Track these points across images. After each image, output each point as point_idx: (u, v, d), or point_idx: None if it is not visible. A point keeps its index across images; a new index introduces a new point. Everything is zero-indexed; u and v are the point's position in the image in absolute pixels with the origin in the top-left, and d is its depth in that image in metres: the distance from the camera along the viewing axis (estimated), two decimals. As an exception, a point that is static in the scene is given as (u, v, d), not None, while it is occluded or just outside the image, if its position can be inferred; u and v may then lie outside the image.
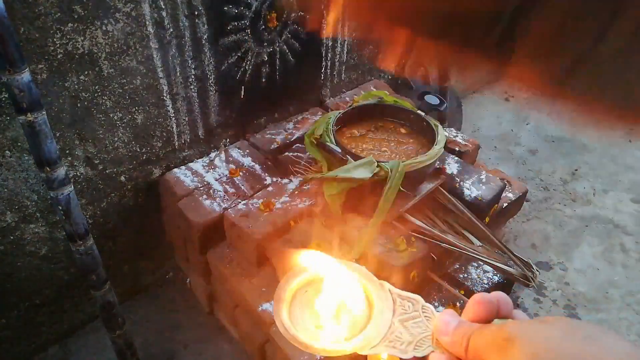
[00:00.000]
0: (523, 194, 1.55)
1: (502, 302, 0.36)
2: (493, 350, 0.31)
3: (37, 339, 1.34)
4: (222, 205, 1.24)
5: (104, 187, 1.25)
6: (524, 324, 0.32)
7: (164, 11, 1.12)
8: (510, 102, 2.60)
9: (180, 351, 1.38)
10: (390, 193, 1.12)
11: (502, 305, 0.36)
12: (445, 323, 0.36)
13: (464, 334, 0.35)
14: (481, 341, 0.33)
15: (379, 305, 0.40)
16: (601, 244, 1.79)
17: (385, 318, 0.39)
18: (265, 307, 1.11)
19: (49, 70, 1.01)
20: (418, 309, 0.39)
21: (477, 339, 0.33)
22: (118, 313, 1.12)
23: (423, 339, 0.38)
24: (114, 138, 1.20)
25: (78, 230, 0.98)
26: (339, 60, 1.65)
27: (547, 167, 2.15)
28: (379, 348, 0.38)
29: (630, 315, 1.54)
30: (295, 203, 1.23)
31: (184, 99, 1.28)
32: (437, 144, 1.23)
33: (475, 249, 1.19)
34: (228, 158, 1.40)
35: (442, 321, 0.37)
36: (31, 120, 0.86)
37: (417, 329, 0.38)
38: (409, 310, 0.39)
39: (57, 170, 0.91)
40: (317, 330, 0.41)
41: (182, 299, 1.50)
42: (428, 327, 0.38)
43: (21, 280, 1.21)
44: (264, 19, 1.31)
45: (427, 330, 0.38)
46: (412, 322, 0.39)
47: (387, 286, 0.41)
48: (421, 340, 0.38)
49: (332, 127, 1.23)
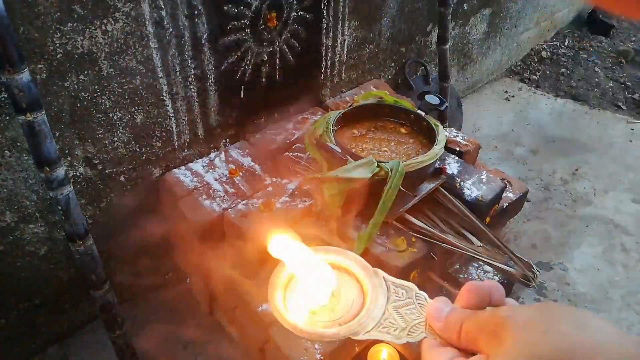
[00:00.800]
0: (523, 194, 1.55)
1: (494, 290, 0.37)
2: (485, 335, 0.32)
3: (37, 339, 1.34)
4: (222, 205, 1.24)
5: (104, 187, 1.25)
6: (515, 309, 0.33)
7: (163, 11, 1.12)
8: (510, 102, 2.60)
9: (180, 351, 1.37)
10: (390, 193, 1.12)
11: (494, 293, 0.36)
12: (438, 309, 0.37)
13: (457, 320, 0.35)
14: (473, 326, 0.33)
15: (372, 293, 0.40)
16: (601, 244, 1.79)
17: (379, 305, 0.40)
18: (265, 307, 1.11)
19: (48, 70, 1.01)
20: (412, 296, 0.40)
21: (470, 325, 0.34)
22: (118, 313, 1.12)
23: (416, 325, 0.38)
24: (113, 138, 1.20)
25: (78, 231, 0.98)
26: (339, 60, 1.65)
27: (548, 167, 2.15)
28: (372, 333, 0.38)
29: (631, 316, 1.53)
30: (295, 203, 1.23)
31: (183, 98, 1.28)
32: (438, 144, 1.23)
33: (476, 249, 1.19)
34: (228, 158, 1.40)
35: (434, 308, 0.37)
36: (31, 120, 0.86)
37: (410, 315, 0.39)
38: (402, 297, 0.40)
39: (56, 170, 0.91)
40: (311, 315, 0.41)
41: (182, 299, 1.50)
42: (421, 314, 0.39)
43: (21, 280, 1.21)
44: (263, 19, 1.30)
45: (421, 316, 0.38)
46: (405, 308, 0.39)
47: (381, 274, 0.42)
48: (414, 327, 0.38)
49: (332, 127, 1.23)
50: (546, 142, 2.31)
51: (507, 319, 0.31)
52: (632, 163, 2.18)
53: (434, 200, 1.27)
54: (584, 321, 0.30)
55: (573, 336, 0.28)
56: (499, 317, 0.32)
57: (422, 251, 1.12)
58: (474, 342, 0.33)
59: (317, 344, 1.02)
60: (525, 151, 2.25)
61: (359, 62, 1.74)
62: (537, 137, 2.34)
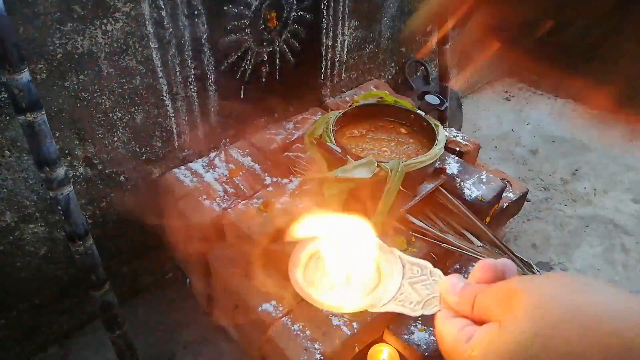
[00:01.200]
0: (523, 194, 1.55)
1: (508, 267, 0.37)
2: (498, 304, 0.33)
3: (37, 339, 1.34)
4: (222, 205, 1.24)
5: (104, 187, 1.25)
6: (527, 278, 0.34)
7: (163, 11, 1.12)
8: (510, 102, 2.60)
9: (180, 351, 1.38)
10: (391, 193, 1.12)
11: (507, 271, 0.37)
12: (453, 284, 0.38)
13: (470, 293, 0.36)
14: (487, 297, 0.34)
15: (388, 269, 0.43)
16: (602, 244, 1.79)
17: (395, 280, 0.42)
18: (265, 307, 1.11)
19: (48, 70, 1.01)
20: (426, 273, 0.42)
21: (483, 296, 0.35)
22: (118, 313, 1.12)
23: (431, 299, 0.40)
24: (113, 138, 1.20)
25: (77, 231, 0.98)
26: (339, 60, 1.65)
27: (548, 167, 2.15)
28: (389, 306, 0.40)
29: (631, 316, 1.53)
30: (295, 203, 1.23)
31: (183, 98, 1.28)
32: (438, 144, 1.23)
33: (476, 249, 1.19)
34: (228, 158, 1.40)
35: (449, 283, 0.38)
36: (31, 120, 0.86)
37: (425, 290, 0.40)
38: (417, 274, 0.42)
39: (56, 170, 0.91)
40: (330, 290, 0.43)
41: (182, 299, 1.50)
42: (436, 289, 0.40)
43: (21, 280, 1.21)
44: (263, 19, 1.30)
45: (435, 292, 0.40)
46: (420, 284, 0.41)
47: (397, 252, 0.44)
48: (429, 301, 0.40)
49: (332, 127, 1.23)
50: (546, 142, 2.31)
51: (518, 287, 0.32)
52: (632, 163, 2.18)
53: (434, 200, 1.27)
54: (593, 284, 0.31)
55: (582, 297, 0.30)
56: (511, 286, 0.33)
57: (422, 251, 1.12)
58: (487, 312, 0.34)
59: (317, 343, 1.02)
60: (525, 151, 2.25)
61: (359, 62, 1.74)
62: (537, 137, 2.34)
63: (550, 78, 0.39)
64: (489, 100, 2.60)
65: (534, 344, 0.29)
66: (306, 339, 1.04)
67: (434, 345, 1.11)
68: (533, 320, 0.30)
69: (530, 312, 0.30)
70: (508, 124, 2.42)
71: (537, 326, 0.29)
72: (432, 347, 1.10)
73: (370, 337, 1.14)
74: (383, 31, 1.76)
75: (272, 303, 1.11)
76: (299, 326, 1.06)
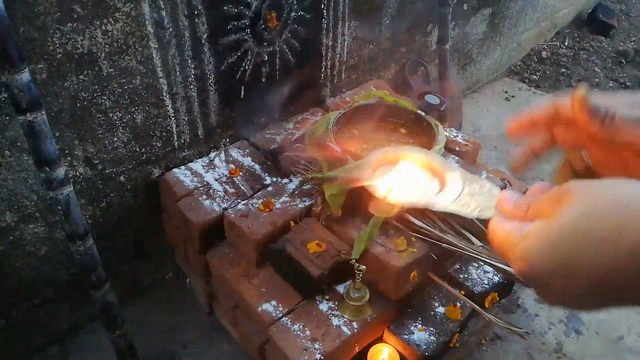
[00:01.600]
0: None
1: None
2: (551, 204, 0.34)
3: (37, 339, 1.34)
4: (222, 205, 1.24)
5: (104, 187, 1.25)
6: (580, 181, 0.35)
7: (163, 11, 1.12)
8: (510, 102, 2.60)
9: (180, 351, 1.37)
10: (391, 193, 1.12)
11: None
12: (509, 195, 0.41)
13: (525, 202, 0.38)
14: (540, 202, 0.36)
15: (450, 179, 0.47)
16: (602, 244, 1.79)
17: (456, 188, 0.46)
18: (265, 307, 1.11)
19: (48, 70, 1.01)
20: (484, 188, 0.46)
21: (537, 202, 0.37)
22: (118, 313, 1.12)
23: (487, 207, 0.44)
24: (113, 138, 1.20)
25: (77, 231, 0.98)
26: (339, 60, 1.65)
27: (548, 167, 2.15)
28: (449, 206, 0.45)
29: (632, 315, 1.53)
30: (295, 203, 1.23)
31: (183, 98, 1.28)
32: (438, 144, 1.23)
33: (476, 249, 1.19)
34: (228, 158, 1.40)
35: (506, 194, 0.41)
36: (31, 120, 0.86)
37: (482, 200, 0.44)
38: (476, 188, 0.46)
39: (56, 170, 0.91)
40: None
41: (182, 299, 1.50)
42: (493, 200, 0.43)
43: (21, 280, 1.21)
44: (263, 19, 1.30)
45: (492, 202, 0.43)
46: (478, 196, 0.45)
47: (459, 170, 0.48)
48: (485, 208, 0.44)
49: (332, 127, 1.23)
50: (546, 142, 2.30)
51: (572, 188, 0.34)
52: (632, 163, 2.18)
53: (434, 200, 1.27)
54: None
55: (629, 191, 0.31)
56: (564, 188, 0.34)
57: (422, 251, 1.12)
58: (540, 214, 0.35)
59: (317, 343, 1.02)
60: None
61: (359, 62, 1.74)
62: (537, 137, 2.33)
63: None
64: (489, 100, 2.60)
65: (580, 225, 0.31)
66: (306, 339, 1.04)
67: (434, 345, 1.11)
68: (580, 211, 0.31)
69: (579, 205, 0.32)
70: (508, 124, 2.42)
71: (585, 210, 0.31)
72: (432, 347, 1.10)
73: (370, 337, 1.14)
74: (383, 31, 1.76)
75: (272, 303, 1.11)
76: (299, 326, 1.06)
